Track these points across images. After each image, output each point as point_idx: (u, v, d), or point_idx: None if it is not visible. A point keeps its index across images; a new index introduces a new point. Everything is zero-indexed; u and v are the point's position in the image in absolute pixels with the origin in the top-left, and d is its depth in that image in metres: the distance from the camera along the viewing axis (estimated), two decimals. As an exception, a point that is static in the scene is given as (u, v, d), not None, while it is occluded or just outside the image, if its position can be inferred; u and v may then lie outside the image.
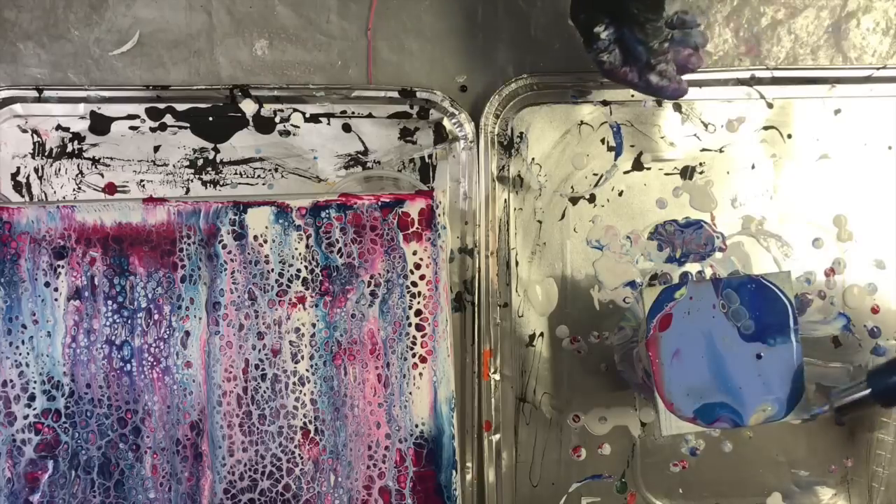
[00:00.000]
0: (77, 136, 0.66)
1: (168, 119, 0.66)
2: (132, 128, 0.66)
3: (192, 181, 0.66)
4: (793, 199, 0.68)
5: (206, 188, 0.66)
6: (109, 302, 0.61)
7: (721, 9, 0.70)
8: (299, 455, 0.61)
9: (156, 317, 0.61)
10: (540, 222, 0.68)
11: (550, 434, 0.67)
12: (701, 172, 0.68)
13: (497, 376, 0.66)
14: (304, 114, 0.67)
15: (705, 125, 0.68)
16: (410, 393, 0.61)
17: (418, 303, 0.62)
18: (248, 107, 0.67)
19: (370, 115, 0.67)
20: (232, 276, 0.61)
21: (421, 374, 0.61)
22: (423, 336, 0.62)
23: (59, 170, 0.66)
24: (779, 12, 0.70)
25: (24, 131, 0.66)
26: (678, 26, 0.59)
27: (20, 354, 0.60)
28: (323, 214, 0.62)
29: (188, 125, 0.66)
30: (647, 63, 0.59)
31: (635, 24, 0.57)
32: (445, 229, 0.63)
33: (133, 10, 0.68)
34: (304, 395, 0.61)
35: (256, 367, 0.61)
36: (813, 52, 0.70)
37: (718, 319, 0.56)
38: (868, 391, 0.58)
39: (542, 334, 0.67)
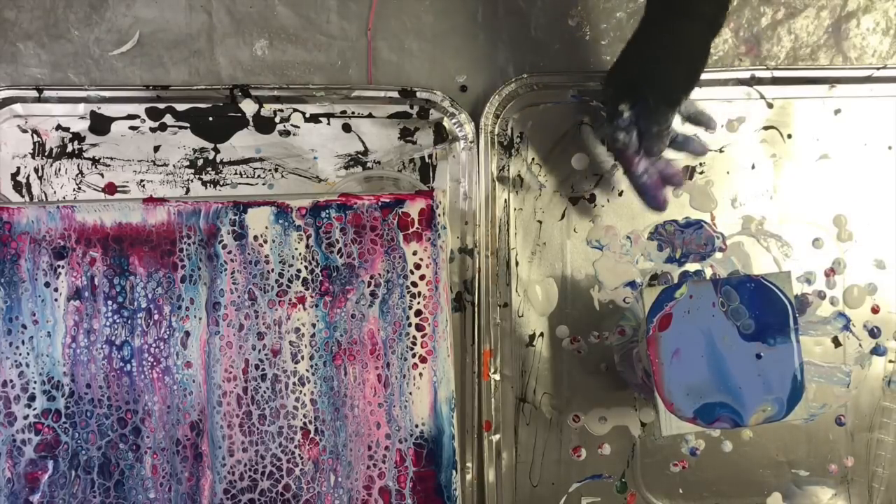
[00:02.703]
0: (77, 136, 0.66)
1: (168, 119, 0.66)
2: (132, 128, 0.66)
3: (192, 181, 0.66)
4: (793, 199, 0.68)
5: (206, 188, 0.66)
6: (109, 302, 0.61)
7: (721, 9, 0.70)
8: (299, 455, 0.61)
9: (156, 317, 0.61)
10: (540, 222, 0.68)
11: (550, 434, 0.67)
12: (701, 172, 0.68)
13: (497, 376, 0.66)
14: (304, 114, 0.67)
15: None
16: (410, 393, 0.61)
17: (418, 303, 0.62)
18: (248, 107, 0.67)
19: (370, 115, 0.67)
20: (232, 276, 0.61)
21: (421, 374, 0.61)
22: (423, 336, 0.62)
23: (59, 170, 0.66)
24: (779, 12, 0.70)
25: (24, 131, 0.66)
26: (693, 119, 0.61)
27: (20, 354, 0.60)
28: (323, 214, 0.62)
29: (188, 125, 0.66)
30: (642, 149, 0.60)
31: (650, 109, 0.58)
32: (445, 229, 0.63)
33: (133, 10, 0.68)
34: (304, 395, 0.61)
35: (256, 367, 0.61)
36: (813, 52, 0.70)
37: (718, 318, 0.56)
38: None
39: (542, 334, 0.67)
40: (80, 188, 0.66)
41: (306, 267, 0.62)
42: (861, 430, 0.68)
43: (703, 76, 0.67)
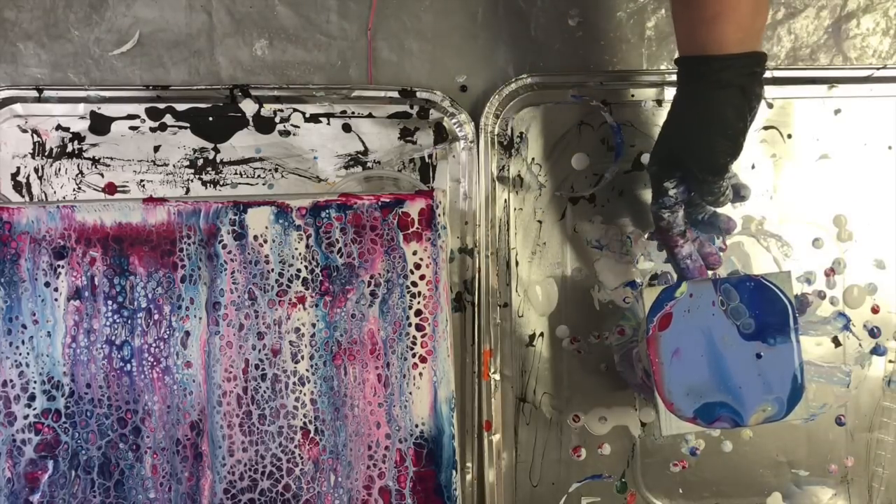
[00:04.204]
0: (77, 136, 0.66)
1: (168, 119, 0.66)
2: (132, 128, 0.66)
3: (192, 181, 0.66)
4: (793, 199, 0.68)
5: (206, 188, 0.66)
6: (109, 302, 0.61)
7: (721, 9, 0.70)
8: (299, 455, 0.61)
9: (156, 317, 0.61)
10: (540, 222, 0.68)
11: (550, 434, 0.67)
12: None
13: (497, 376, 0.66)
14: (304, 114, 0.67)
15: (705, 125, 0.68)
16: (410, 393, 0.61)
17: (418, 303, 0.62)
18: (248, 107, 0.67)
19: (370, 115, 0.67)
20: (232, 276, 0.61)
21: (421, 374, 0.61)
22: (423, 336, 0.62)
23: (59, 170, 0.66)
24: (779, 12, 0.70)
25: (24, 131, 0.66)
26: (732, 193, 0.59)
27: (20, 354, 0.60)
28: (323, 214, 0.62)
29: (188, 125, 0.66)
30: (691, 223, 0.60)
31: (697, 183, 0.57)
32: (445, 229, 0.63)
33: (133, 10, 0.68)
34: (304, 395, 0.61)
35: (256, 367, 0.61)
36: (813, 53, 0.70)
37: (718, 318, 0.56)
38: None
39: (542, 334, 0.67)
40: (80, 188, 0.66)
41: (306, 267, 0.62)
42: (861, 430, 0.68)
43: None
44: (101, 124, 0.66)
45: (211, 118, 0.67)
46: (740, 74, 0.54)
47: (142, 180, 0.66)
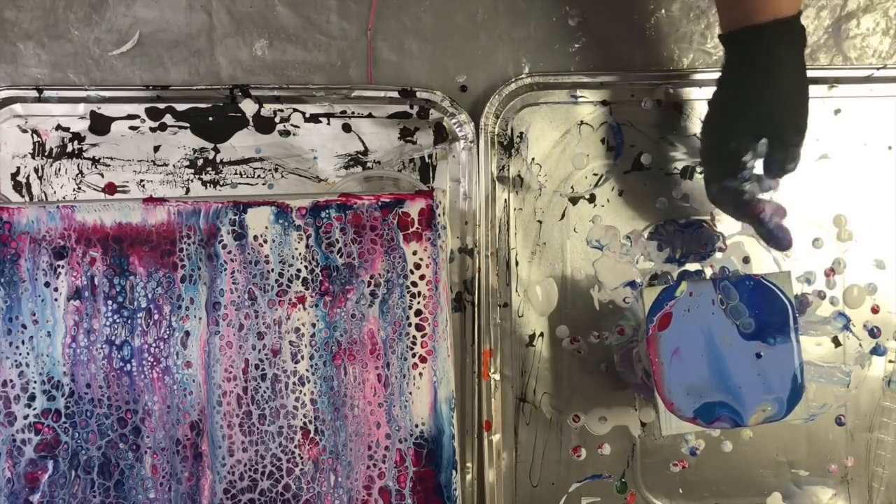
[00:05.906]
0: (77, 136, 0.66)
1: (168, 119, 0.66)
2: (132, 128, 0.66)
3: (192, 181, 0.66)
4: (793, 199, 0.68)
5: (206, 188, 0.66)
6: (109, 302, 0.61)
7: (721, 9, 0.70)
8: (299, 455, 0.61)
9: (156, 317, 0.61)
10: (540, 222, 0.68)
11: (550, 434, 0.67)
12: (701, 172, 0.68)
13: (497, 376, 0.66)
14: (304, 114, 0.67)
15: (705, 125, 0.68)
16: (410, 393, 0.61)
17: (418, 303, 0.62)
18: (248, 107, 0.67)
19: (370, 115, 0.67)
20: (232, 276, 0.61)
21: (421, 374, 0.61)
22: (423, 336, 0.62)
23: (59, 170, 0.66)
24: (779, 12, 0.70)
25: (24, 131, 0.66)
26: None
27: (20, 354, 0.60)
28: (323, 214, 0.62)
29: (188, 125, 0.66)
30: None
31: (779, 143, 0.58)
32: (445, 229, 0.63)
33: (133, 10, 0.68)
34: (304, 395, 0.61)
35: (256, 367, 0.61)
36: (813, 53, 0.70)
37: (718, 317, 0.56)
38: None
39: (542, 334, 0.67)
40: (80, 188, 0.66)
41: (306, 267, 0.62)
42: (861, 430, 0.68)
43: (704, 76, 0.67)
44: (101, 124, 0.66)
45: (211, 118, 0.67)
46: (799, 34, 0.56)
47: (142, 180, 0.66)
